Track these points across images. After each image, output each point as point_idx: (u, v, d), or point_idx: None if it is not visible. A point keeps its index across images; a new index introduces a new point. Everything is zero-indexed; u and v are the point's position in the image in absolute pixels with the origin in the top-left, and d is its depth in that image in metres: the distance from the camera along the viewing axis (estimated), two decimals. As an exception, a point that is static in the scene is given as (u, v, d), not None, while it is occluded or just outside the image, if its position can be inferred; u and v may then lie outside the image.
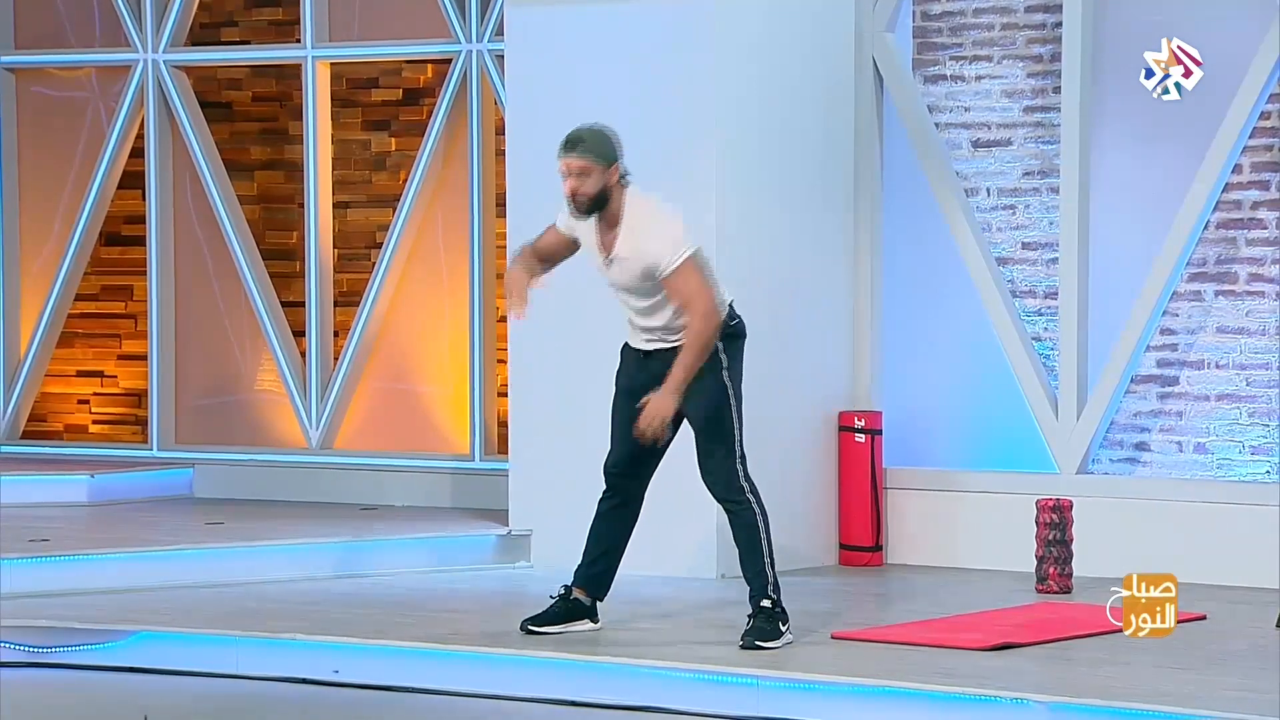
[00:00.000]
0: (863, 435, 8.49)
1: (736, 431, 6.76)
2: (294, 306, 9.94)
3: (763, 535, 6.77)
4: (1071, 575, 7.91)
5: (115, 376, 10.42)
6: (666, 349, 6.79)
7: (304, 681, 6.77)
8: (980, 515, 8.43)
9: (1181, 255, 8.19)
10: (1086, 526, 8.03)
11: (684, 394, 6.72)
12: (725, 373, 6.77)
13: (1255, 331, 8.15)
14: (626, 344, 6.96)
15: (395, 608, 7.57)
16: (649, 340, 6.84)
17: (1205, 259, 8.21)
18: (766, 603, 6.74)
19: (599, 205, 6.74)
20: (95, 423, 10.45)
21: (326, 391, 9.81)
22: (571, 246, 6.95)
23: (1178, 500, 8.09)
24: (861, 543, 8.51)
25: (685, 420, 6.84)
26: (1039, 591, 7.87)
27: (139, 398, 10.31)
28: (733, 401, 6.77)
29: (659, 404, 6.67)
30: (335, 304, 9.90)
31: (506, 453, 8.74)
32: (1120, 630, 7.01)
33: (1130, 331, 8.26)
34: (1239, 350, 8.18)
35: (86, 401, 10.47)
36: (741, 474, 6.77)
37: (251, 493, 9.78)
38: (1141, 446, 8.34)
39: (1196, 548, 7.91)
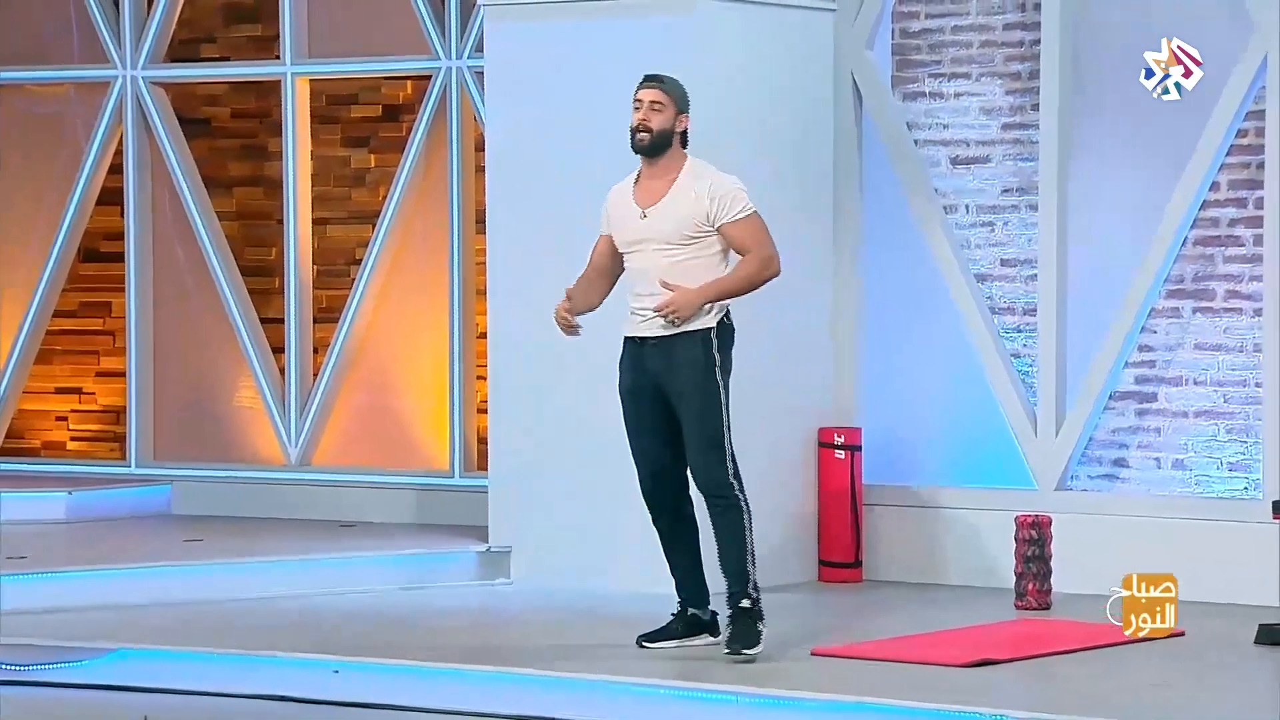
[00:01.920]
0: (842, 451, 8.49)
1: (727, 431, 6.82)
2: (273, 323, 9.93)
3: (747, 532, 6.83)
4: (1050, 591, 7.93)
5: (93, 393, 10.40)
6: (666, 337, 6.79)
7: (283, 699, 6.75)
8: (959, 531, 8.44)
9: (1160, 272, 8.21)
10: (1065, 543, 8.04)
11: (677, 393, 6.77)
12: (718, 371, 6.83)
13: (1233, 348, 8.17)
14: (623, 347, 6.94)
15: (374, 625, 7.56)
16: (647, 321, 6.81)
17: (1183, 276, 8.23)
18: (746, 602, 6.78)
19: (657, 146, 6.83)
20: (73, 439, 10.43)
21: (305, 408, 9.79)
22: (615, 248, 6.97)
23: (1156, 517, 8.11)
24: (841, 559, 8.51)
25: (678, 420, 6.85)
26: (1018, 608, 7.88)
27: (117, 414, 10.29)
28: (724, 400, 6.83)
29: (684, 297, 6.72)
30: (314, 320, 9.89)
31: (486, 469, 8.73)
32: (1100, 646, 7.04)
33: (1109, 348, 8.27)
34: (1217, 367, 8.20)
35: (64, 418, 10.45)
36: (731, 471, 6.83)
37: (230, 509, 9.75)
38: (1120, 463, 8.36)
39: (1175, 564, 7.89)
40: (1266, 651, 7.02)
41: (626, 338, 6.93)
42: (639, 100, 6.87)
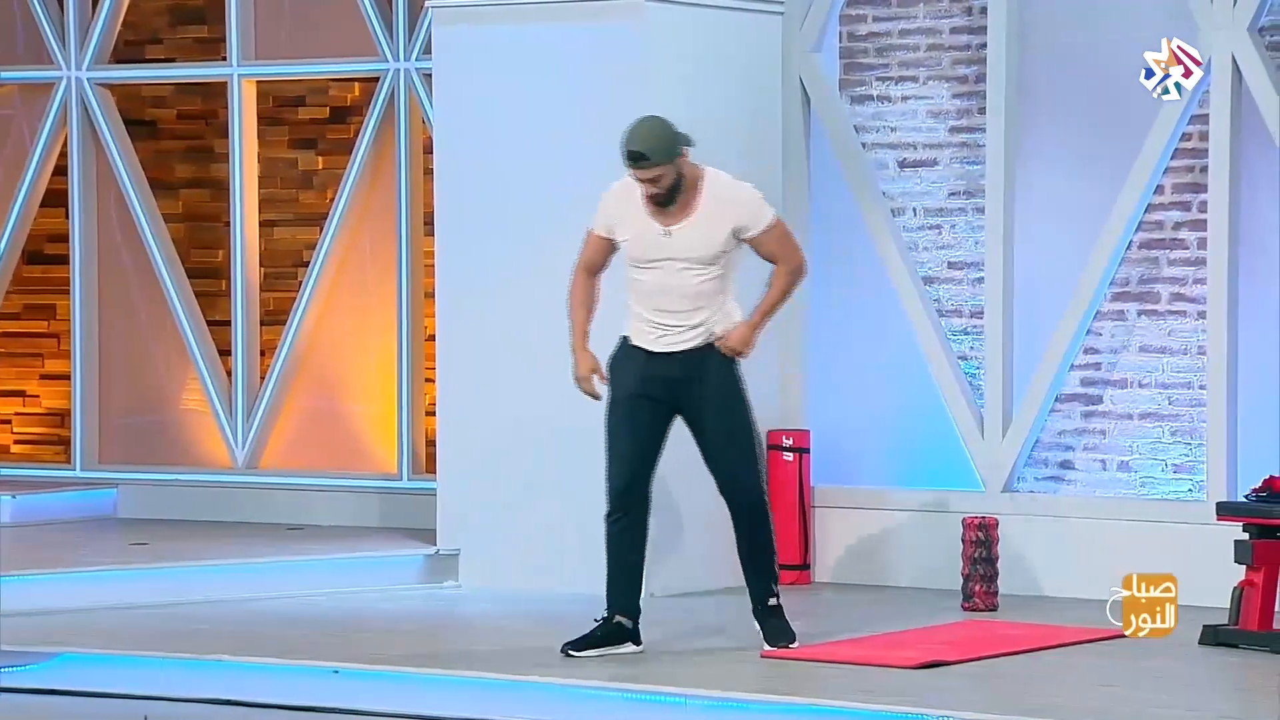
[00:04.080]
0: (791, 454, 8.51)
1: (757, 436, 6.91)
2: (220, 325, 9.89)
3: (774, 536, 6.97)
4: (997, 593, 7.96)
5: (38, 396, 10.34)
6: (682, 352, 6.80)
7: (230, 703, 6.73)
8: (907, 533, 8.47)
9: (1105, 275, 8.26)
10: (1012, 544, 8.08)
11: (706, 403, 6.79)
12: (741, 379, 6.88)
13: (1177, 350, 8.23)
14: (624, 349, 6.90)
15: (322, 628, 7.54)
16: (669, 336, 6.82)
17: (1128, 279, 8.28)
18: (773, 601, 6.93)
19: (677, 191, 6.82)
20: (17, 443, 10.37)
21: (252, 411, 9.76)
22: (614, 247, 6.98)
23: (1101, 518, 8.15)
24: (789, 561, 8.52)
25: (693, 428, 6.87)
26: (965, 609, 7.91)
27: (61, 417, 10.24)
28: (750, 405, 6.89)
29: (744, 338, 6.80)
30: (262, 323, 9.85)
31: (434, 472, 8.72)
32: (1047, 648, 7.08)
33: (1054, 350, 8.31)
34: (1161, 369, 8.25)
35: (8, 421, 10.39)
36: (764, 477, 6.95)
37: (176, 513, 9.71)
38: (1066, 465, 8.40)
39: (1120, 565, 7.94)
40: (1211, 652, 7.07)
41: (633, 346, 6.87)
42: (639, 179, 6.79)
